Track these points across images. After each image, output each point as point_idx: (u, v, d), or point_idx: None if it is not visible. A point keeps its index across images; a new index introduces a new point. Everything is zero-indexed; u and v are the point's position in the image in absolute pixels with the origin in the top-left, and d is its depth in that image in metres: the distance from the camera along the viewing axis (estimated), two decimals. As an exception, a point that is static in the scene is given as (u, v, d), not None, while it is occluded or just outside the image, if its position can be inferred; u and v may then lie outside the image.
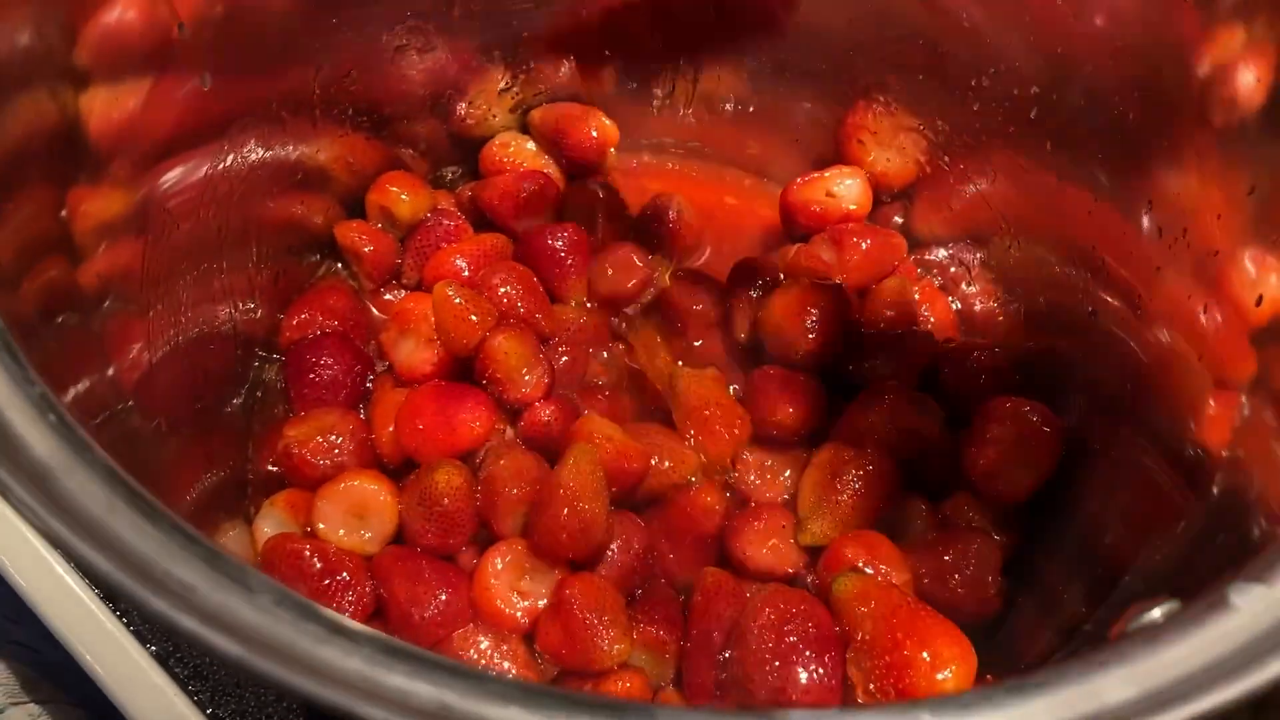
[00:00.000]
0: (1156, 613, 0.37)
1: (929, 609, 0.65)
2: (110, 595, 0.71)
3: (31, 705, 0.73)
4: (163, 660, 0.73)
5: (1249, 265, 0.52)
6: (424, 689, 0.30)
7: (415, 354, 0.81)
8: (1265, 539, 0.42)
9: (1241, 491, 0.48)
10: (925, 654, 0.61)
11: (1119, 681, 0.33)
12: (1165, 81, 0.61)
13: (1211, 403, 0.54)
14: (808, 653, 0.65)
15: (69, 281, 0.56)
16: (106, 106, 0.59)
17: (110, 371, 0.61)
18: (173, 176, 0.68)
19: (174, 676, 0.72)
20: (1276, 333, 0.50)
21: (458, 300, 0.77)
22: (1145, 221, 0.63)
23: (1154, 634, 0.34)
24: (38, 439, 0.33)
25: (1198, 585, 0.37)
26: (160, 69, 0.61)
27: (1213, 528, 0.50)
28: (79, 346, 0.57)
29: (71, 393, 0.52)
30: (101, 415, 0.58)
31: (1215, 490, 0.51)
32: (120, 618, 0.74)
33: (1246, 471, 0.48)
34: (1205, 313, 0.57)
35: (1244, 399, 0.50)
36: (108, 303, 0.61)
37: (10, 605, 0.83)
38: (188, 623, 0.29)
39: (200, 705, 0.72)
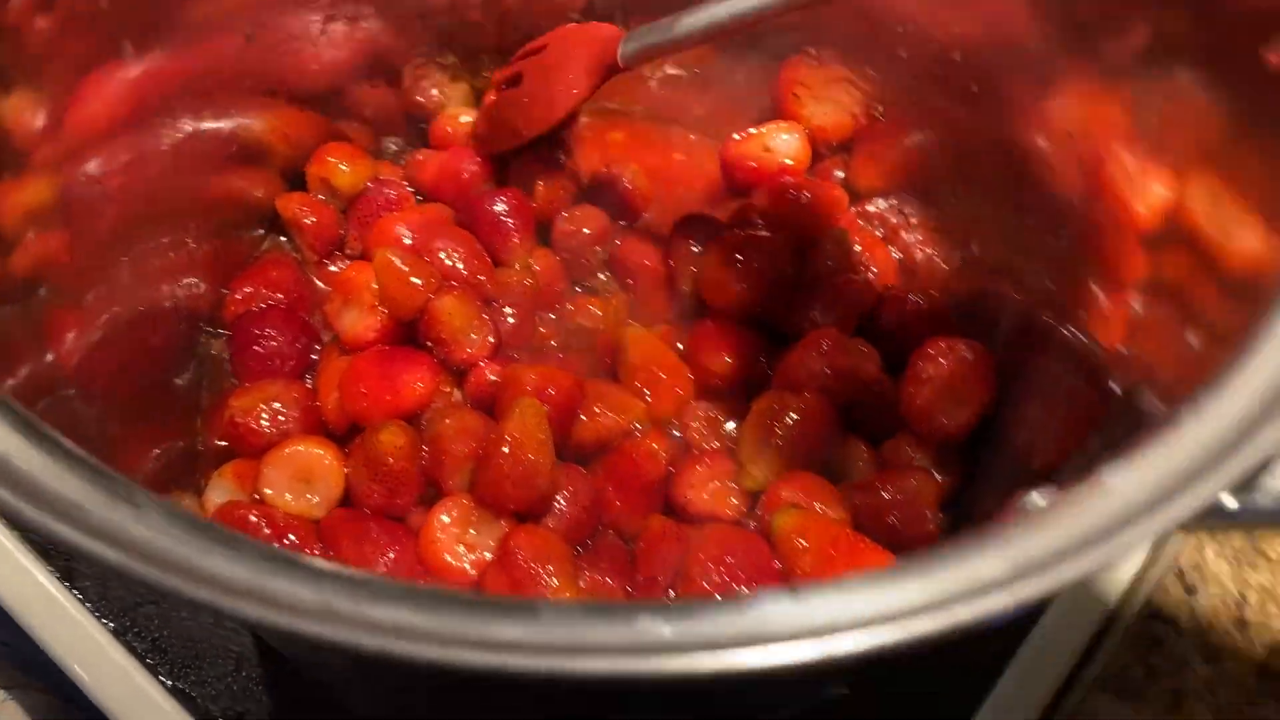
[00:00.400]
0: (1039, 499, 0.38)
1: (866, 539, 0.66)
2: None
3: None
4: (119, 635, 0.74)
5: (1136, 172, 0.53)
6: (308, 593, 0.31)
7: (359, 321, 0.82)
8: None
9: (1138, 387, 0.49)
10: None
11: (994, 560, 0.34)
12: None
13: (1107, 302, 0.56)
14: (748, 584, 0.66)
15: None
16: (25, 103, 0.59)
17: (49, 358, 0.62)
18: (100, 160, 0.68)
19: (132, 651, 0.73)
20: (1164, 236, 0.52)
21: (400, 265, 0.78)
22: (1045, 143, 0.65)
23: (1032, 517, 0.35)
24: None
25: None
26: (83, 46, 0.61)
27: (1115, 424, 0.51)
28: (17, 336, 0.58)
29: (10, 384, 0.52)
30: (43, 401, 0.59)
31: (1116, 388, 0.52)
32: (75, 593, 0.74)
33: (1143, 365, 0.50)
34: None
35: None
36: (42, 291, 0.62)
37: None
38: (73, 536, 0.30)
39: (161, 679, 0.73)
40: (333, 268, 0.91)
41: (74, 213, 0.66)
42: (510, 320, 0.85)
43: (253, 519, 0.72)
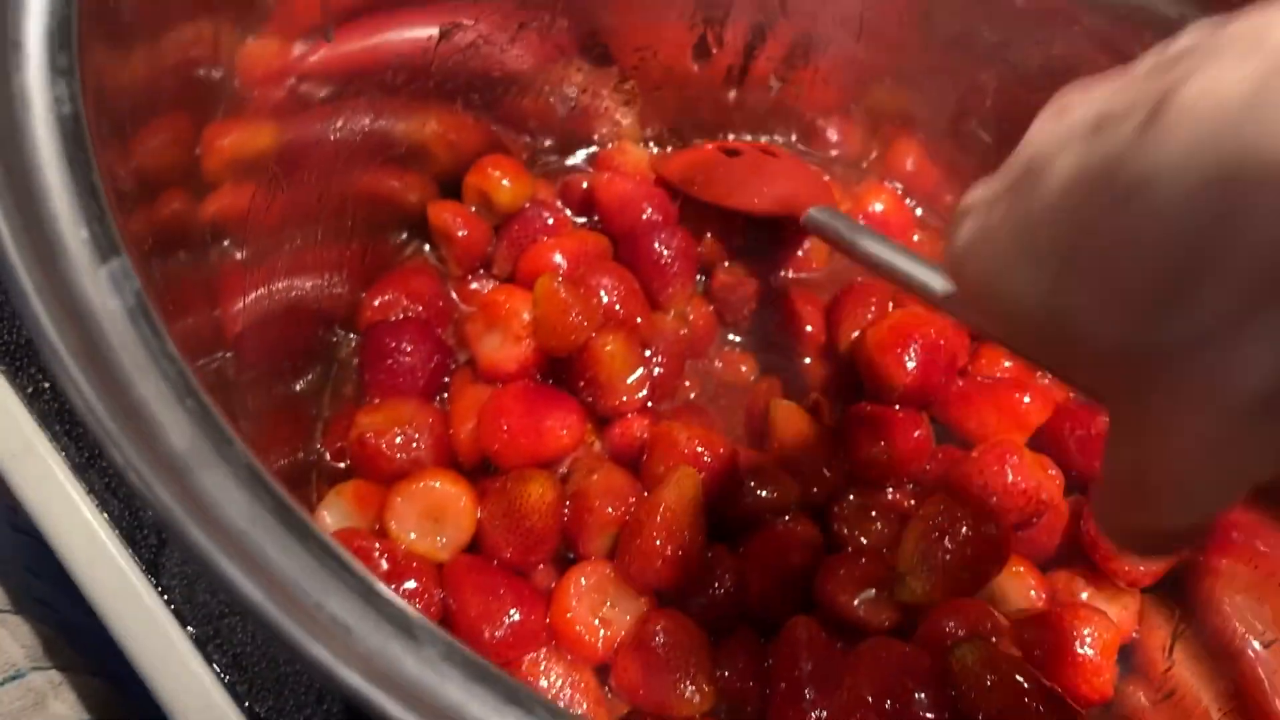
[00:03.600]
0: None
1: (1056, 690, 0.60)
2: (253, 625, 0.67)
3: (53, 672, 0.68)
4: (201, 644, 0.68)
5: None
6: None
7: (501, 350, 0.76)
8: None
9: None
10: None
11: None
12: None
13: None
14: (913, 714, 0.59)
15: (190, 216, 0.52)
16: (256, 45, 0.55)
17: (216, 313, 0.57)
18: (290, 132, 0.64)
19: (211, 663, 0.68)
20: None
21: (564, 295, 0.72)
22: None
23: None
24: (175, 427, 0.28)
25: None
26: (299, 17, 0.56)
27: None
28: (190, 285, 0.53)
29: (179, 326, 0.47)
30: (205, 360, 0.54)
31: None
32: (161, 593, 0.69)
33: None
34: None
35: None
36: (225, 243, 0.57)
37: (33, 555, 0.79)
38: (350, 677, 0.24)
39: (237, 698, 0.67)
40: (475, 285, 0.85)
41: (265, 177, 0.62)
42: (658, 370, 0.79)
43: (375, 553, 0.66)
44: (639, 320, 0.78)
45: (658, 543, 0.65)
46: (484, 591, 0.66)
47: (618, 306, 0.78)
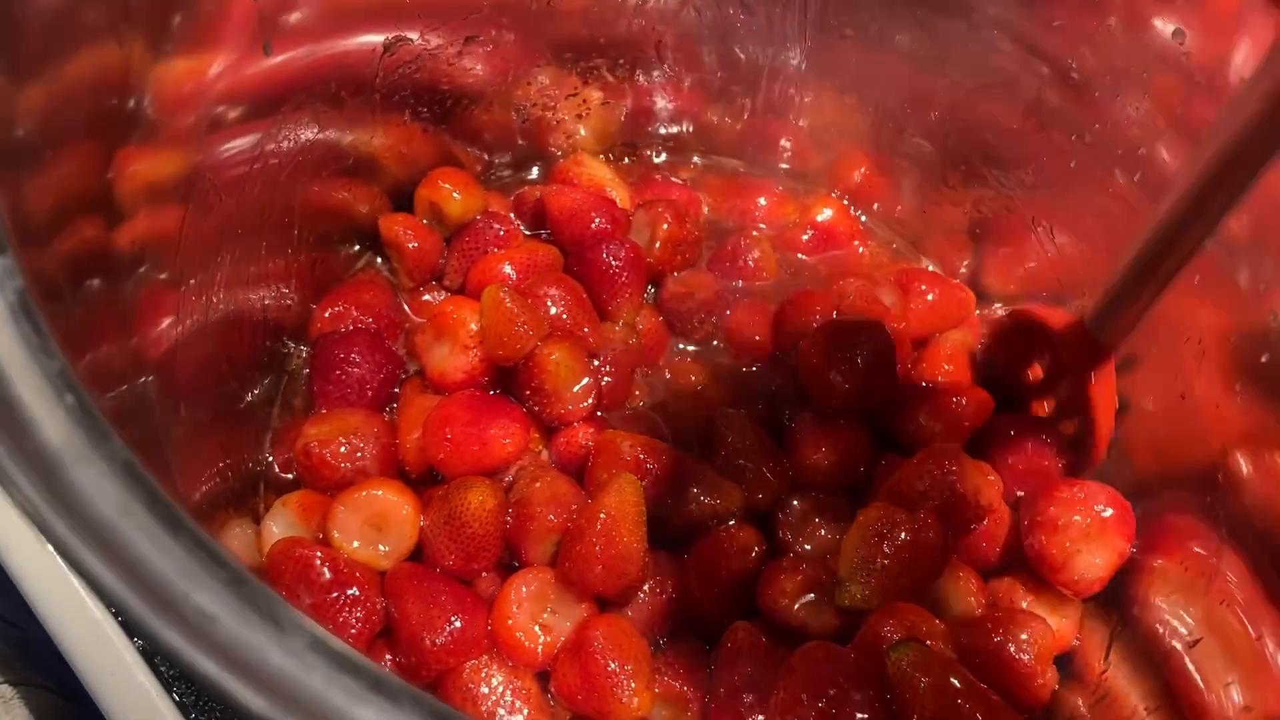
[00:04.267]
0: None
1: (994, 695, 0.60)
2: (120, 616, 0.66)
3: (4, 687, 0.68)
4: (148, 657, 0.68)
5: None
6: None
7: (449, 360, 0.76)
8: None
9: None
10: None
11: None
12: None
13: None
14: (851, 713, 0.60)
15: (104, 243, 0.51)
16: (172, 67, 0.55)
17: (133, 342, 0.56)
18: (224, 147, 0.65)
19: (159, 676, 0.67)
20: None
21: (510, 305, 0.73)
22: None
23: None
24: (51, 422, 0.29)
25: None
26: (229, 32, 0.57)
27: None
28: (104, 313, 0.53)
29: (89, 359, 0.47)
30: (118, 389, 0.54)
31: None
32: (108, 607, 0.69)
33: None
34: None
35: None
36: (142, 269, 0.57)
37: None
38: (206, 665, 0.25)
39: (184, 709, 0.67)
40: (426, 297, 0.86)
41: (190, 196, 0.61)
42: (606, 379, 0.79)
43: (317, 561, 0.66)
44: (586, 330, 0.79)
45: (597, 549, 0.65)
46: (425, 599, 0.66)
47: (565, 316, 0.78)
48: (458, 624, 0.66)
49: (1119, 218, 0.72)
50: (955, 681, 0.60)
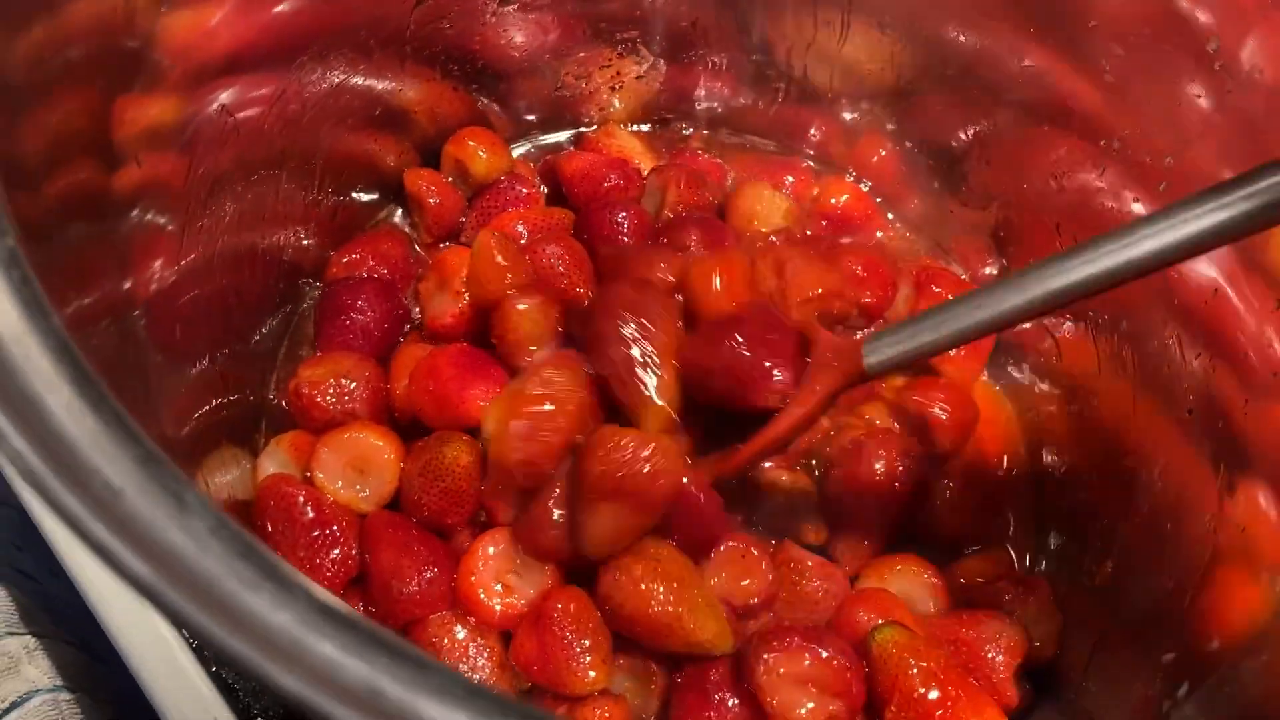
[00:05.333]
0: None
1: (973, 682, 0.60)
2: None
3: (28, 638, 0.68)
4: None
5: None
6: (357, 667, 0.25)
7: (441, 304, 0.77)
8: None
9: None
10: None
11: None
12: None
13: None
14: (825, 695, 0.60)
15: (99, 186, 0.52)
16: (180, 18, 0.56)
17: (127, 284, 0.57)
18: (238, 89, 0.65)
19: (181, 628, 0.67)
20: None
21: (494, 248, 0.72)
22: None
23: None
24: (-9, 293, 0.29)
25: None
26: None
27: None
28: (94, 253, 0.53)
29: (76, 300, 0.48)
30: (105, 321, 0.54)
31: None
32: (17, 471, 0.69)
33: None
34: None
35: None
36: (135, 212, 0.57)
37: (18, 532, 0.80)
38: (97, 529, 0.25)
39: (204, 663, 0.67)
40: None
41: (198, 140, 0.62)
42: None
43: (300, 499, 0.67)
44: (580, 291, 0.78)
45: (555, 514, 0.65)
46: (399, 548, 0.66)
47: (563, 270, 0.77)
48: (428, 575, 0.66)
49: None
50: (941, 664, 0.60)
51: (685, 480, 0.63)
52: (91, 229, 0.48)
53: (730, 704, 0.62)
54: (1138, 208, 0.70)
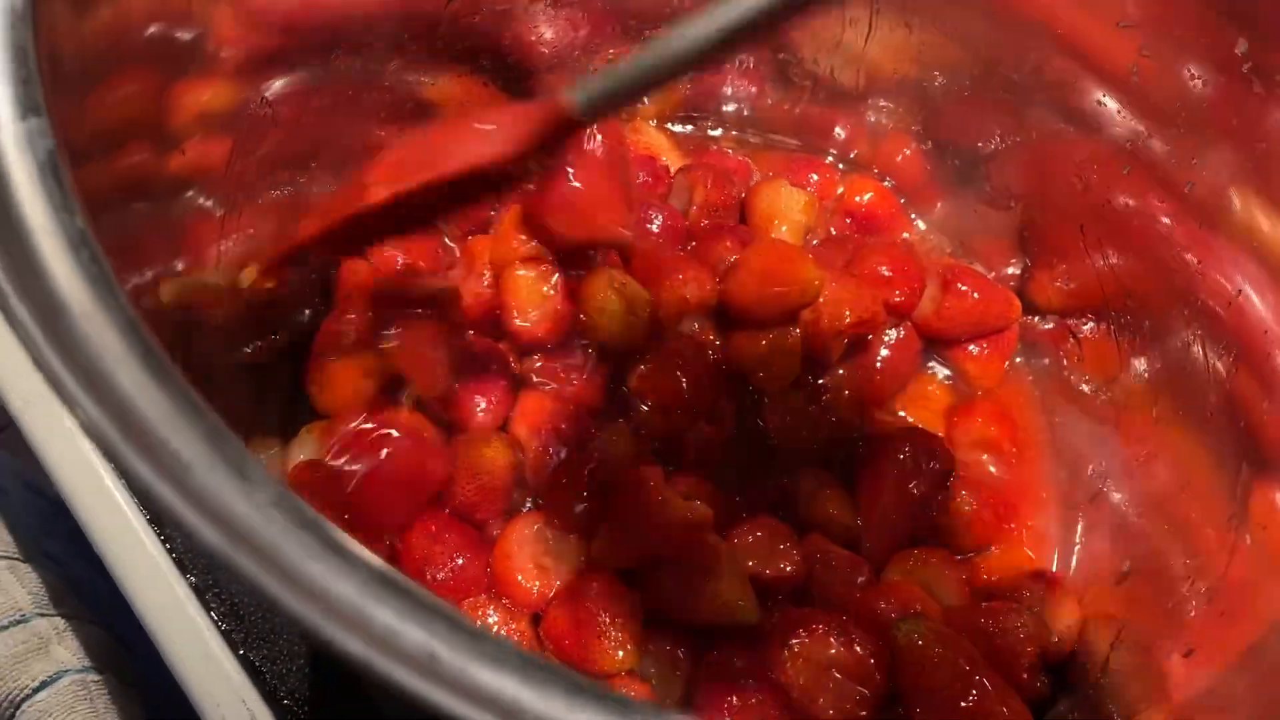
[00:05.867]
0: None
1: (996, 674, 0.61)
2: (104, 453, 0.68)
3: (58, 619, 0.70)
4: (200, 593, 0.69)
5: None
6: (414, 633, 0.26)
7: (467, 287, 0.79)
8: None
9: None
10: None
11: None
12: None
13: None
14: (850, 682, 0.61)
15: (152, 170, 0.54)
16: (232, 8, 0.57)
17: (179, 266, 0.59)
18: (278, 81, 0.66)
19: (209, 611, 0.68)
20: None
21: (518, 222, 0.76)
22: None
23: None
24: (63, 273, 0.30)
25: None
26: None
27: None
28: (150, 235, 0.55)
29: (135, 280, 0.49)
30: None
31: None
32: (164, 542, 0.70)
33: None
34: None
35: None
36: (185, 196, 0.59)
37: (44, 515, 0.81)
38: (174, 502, 0.26)
39: (233, 645, 0.67)
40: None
41: (240, 129, 0.63)
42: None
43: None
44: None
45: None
46: (431, 537, 0.68)
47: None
48: (460, 562, 0.67)
49: (1170, 231, 0.71)
50: (966, 655, 0.61)
51: None
52: (146, 210, 0.49)
53: (752, 690, 0.63)
54: (1163, 210, 0.71)
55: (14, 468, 0.85)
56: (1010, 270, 0.89)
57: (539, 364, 0.77)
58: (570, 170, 0.71)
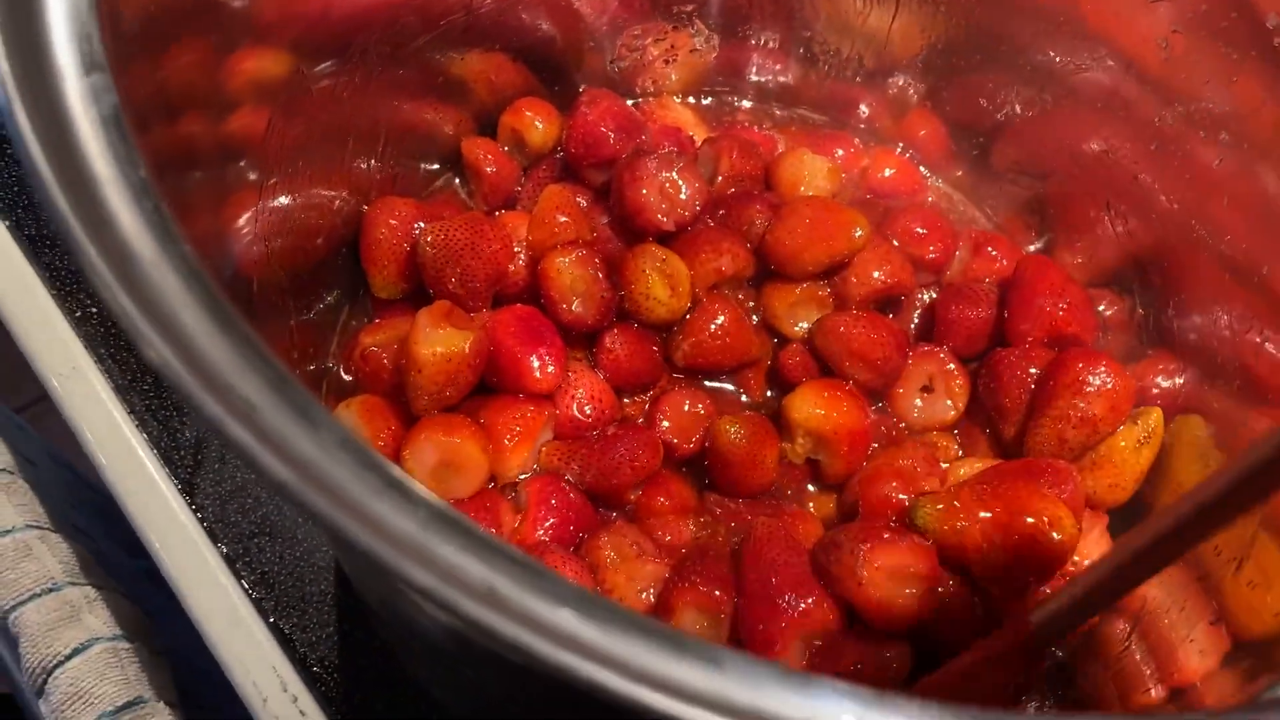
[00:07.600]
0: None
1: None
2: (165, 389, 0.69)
3: (89, 588, 0.71)
4: (231, 562, 0.70)
5: None
6: (475, 567, 0.27)
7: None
8: None
9: None
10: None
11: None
12: None
13: None
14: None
15: (202, 137, 0.54)
16: None
17: (218, 231, 0.59)
18: (316, 56, 0.67)
19: (240, 579, 0.70)
20: None
21: (557, 198, 0.77)
22: None
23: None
24: (129, 220, 0.31)
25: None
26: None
27: None
28: (201, 203, 0.56)
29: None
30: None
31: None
32: (195, 511, 0.72)
33: None
34: None
35: None
36: (231, 164, 0.60)
37: (73, 489, 0.82)
38: (241, 434, 0.27)
39: (263, 613, 0.69)
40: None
41: (280, 102, 0.64)
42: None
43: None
44: None
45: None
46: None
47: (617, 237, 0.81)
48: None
49: (1194, 203, 0.72)
50: (989, 528, 0.62)
51: None
52: (196, 176, 0.50)
53: (800, 607, 0.63)
54: (1191, 186, 0.71)
55: (41, 443, 0.86)
56: (1033, 248, 0.89)
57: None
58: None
